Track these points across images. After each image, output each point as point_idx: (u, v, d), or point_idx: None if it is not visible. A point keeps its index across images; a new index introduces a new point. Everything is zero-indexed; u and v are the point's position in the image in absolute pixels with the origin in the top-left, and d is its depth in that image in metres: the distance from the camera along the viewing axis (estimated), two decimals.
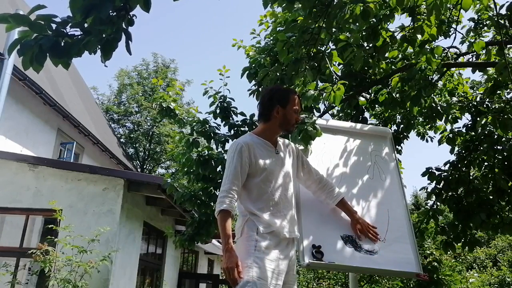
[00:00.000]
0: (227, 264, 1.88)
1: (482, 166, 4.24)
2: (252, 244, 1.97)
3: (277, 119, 2.21)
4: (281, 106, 2.21)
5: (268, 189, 2.11)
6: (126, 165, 13.68)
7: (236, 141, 2.20)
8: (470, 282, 9.84)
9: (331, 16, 2.77)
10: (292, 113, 2.23)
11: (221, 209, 1.98)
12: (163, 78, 21.97)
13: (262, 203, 2.08)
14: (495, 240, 14.68)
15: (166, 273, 8.64)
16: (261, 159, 2.13)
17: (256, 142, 2.18)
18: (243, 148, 2.10)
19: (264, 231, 2.01)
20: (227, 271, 1.87)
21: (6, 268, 5.42)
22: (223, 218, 1.97)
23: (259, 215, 2.04)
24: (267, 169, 2.12)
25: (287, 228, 2.10)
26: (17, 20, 1.67)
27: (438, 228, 4.50)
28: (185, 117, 4.42)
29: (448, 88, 4.48)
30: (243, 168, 2.08)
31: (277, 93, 2.26)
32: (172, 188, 4.42)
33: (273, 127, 2.24)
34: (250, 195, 2.10)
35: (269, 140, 2.24)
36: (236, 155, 2.09)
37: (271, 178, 2.13)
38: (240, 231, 2.06)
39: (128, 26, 1.86)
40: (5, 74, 7.17)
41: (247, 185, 2.11)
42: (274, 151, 2.22)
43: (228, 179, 2.05)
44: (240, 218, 2.09)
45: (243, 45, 4.68)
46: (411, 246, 2.48)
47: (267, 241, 1.99)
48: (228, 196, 2.00)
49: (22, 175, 6.43)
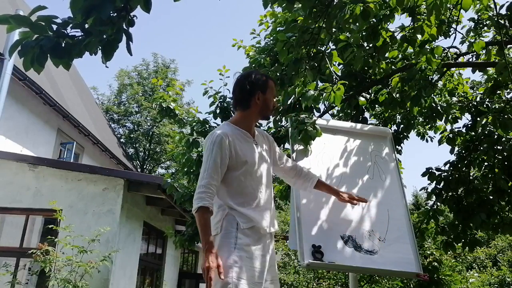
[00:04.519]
0: (207, 263, 1.77)
1: (482, 166, 4.24)
2: (232, 241, 1.88)
3: (258, 106, 2.11)
4: (261, 91, 2.11)
5: (248, 182, 2.01)
6: (126, 165, 13.68)
7: (214, 131, 2.06)
8: (470, 282, 9.83)
9: (331, 16, 2.77)
10: (271, 99, 2.15)
11: (200, 206, 1.85)
12: (163, 78, 21.95)
13: (243, 197, 1.98)
14: (495, 240, 14.68)
15: (166, 273, 8.64)
16: (242, 151, 2.02)
17: (235, 133, 2.07)
18: (223, 140, 1.97)
19: (244, 226, 1.91)
20: (207, 271, 1.76)
21: (6, 268, 5.42)
22: (202, 215, 1.84)
23: (238, 209, 1.94)
24: (248, 162, 2.02)
25: (268, 223, 2.02)
26: (18, 21, 1.67)
27: (438, 228, 4.50)
28: (185, 117, 4.42)
29: (448, 88, 4.48)
30: (223, 161, 1.96)
31: (256, 78, 2.15)
32: (172, 188, 4.42)
33: (252, 115, 2.14)
34: (229, 189, 1.99)
35: (247, 129, 2.13)
36: (216, 147, 1.96)
37: (251, 171, 2.03)
38: (218, 227, 1.93)
39: (129, 27, 1.86)
40: (5, 74, 7.17)
41: (226, 179, 1.99)
42: (253, 142, 2.12)
43: (207, 173, 1.91)
44: (218, 213, 1.96)
45: (243, 45, 4.69)
46: (411, 246, 2.49)
47: (248, 238, 1.90)
48: (207, 191, 1.88)
49: (22, 175, 6.43)
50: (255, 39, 4.62)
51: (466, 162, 4.35)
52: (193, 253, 11.66)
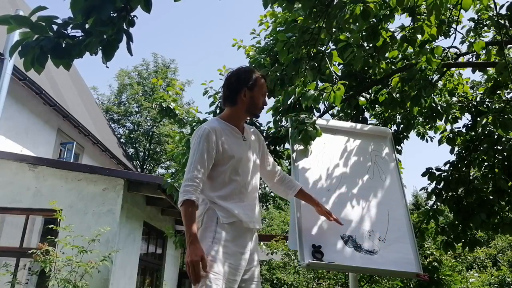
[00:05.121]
0: (191, 257, 1.75)
1: (482, 166, 4.24)
2: (211, 235, 1.88)
3: (244, 103, 2.09)
4: (248, 88, 2.08)
5: (233, 177, 2.00)
6: (126, 165, 13.68)
7: (202, 126, 2.05)
8: (470, 282, 9.83)
9: (331, 16, 2.77)
10: (259, 96, 2.12)
11: (185, 199, 1.84)
12: (163, 78, 21.95)
13: (225, 191, 1.97)
14: (495, 240, 14.68)
15: (166, 273, 8.64)
16: (229, 146, 2.01)
17: (223, 128, 2.06)
18: (210, 134, 1.97)
19: (224, 221, 1.91)
20: (191, 265, 1.74)
21: (6, 268, 5.42)
22: (187, 208, 1.83)
23: (220, 203, 1.93)
24: (234, 157, 2.01)
25: (250, 218, 1.99)
26: (18, 22, 1.67)
27: (438, 228, 4.50)
28: (185, 117, 4.42)
29: (448, 88, 4.48)
30: (210, 155, 1.95)
31: (243, 75, 2.13)
32: (172, 188, 4.42)
33: (240, 112, 2.12)
34: (213, 183, 1.99)
35: (236, 125, 2.12)
36: (202, 141, 1.95)
37: (237, 166, 2.02)
38: (200, 221, 1.93)
39: (129, 27, 1.87)
40: (5, 74, 7.17)
41: (212, 173, 1.99)
42: (242, 138, 2.11)
43: (193, 167, 1.90)
44: (201, 207, 1.95)
45: (243, 45, 4.69)
46: (411, 246, 2.49)
47: (227, 233, 1.90)
48: (193, 185, 1.87)
49: (22, 175, 6.43)
50: (255, 39, 4.63)
51: (466, 162, 4.35)
52: None
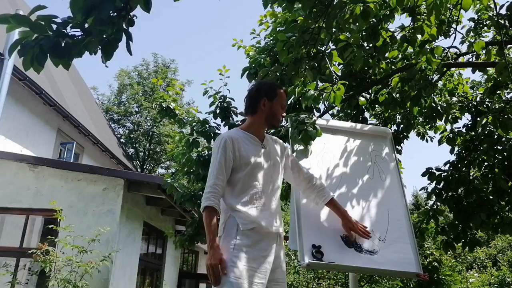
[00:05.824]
0: (210, 260, 1.86)
1: (482, 166, 4.24)
2: (231, 242, 1.94)
3: (263, 112, 2.18)
4: (268, 98, 2.18)
5: (252, 183, 2.06)
6: (126, 165, 13.68)
7: (220, 135, 2.16)
8: (470, 282, 9.84)
9: (331, 16, 2.77)
10: (278, 108, 2.20)
11: (206, 205, 1.95)
12: (163, 78, 21.96)
13: (245, 197, 2.03)
14: (495, 240, 14.68)
15: (166, 273, 8.64)
16: (246, 153, 2.09)
17: (241, 137, 2.14)
18: (227, 143, 2.07)
19: (244, 227, 1.96)
20: (211, 268, 1.85)
21: (6, 268, 5.42)
22: (208, 214, 1.95)
23: (240, 210, 1.99)
24: (251, 163, 2.07)
25: (270, 223, 2.05)
26: (18, 21, 1.67)
27: (438, 228, 4.50)
28: (185, 117, 4.41)
29: (448, 88, 4.48)
30: (228, 163, 2.04)
31: (264, 86, 2.25)
32: (172, 188, 4.42)
33: (260, 121, 2.20)
34: (233, 190, 2.06)
35: (256, 134, 2.19)
36: (221, 150, 2.06)
37: (255, 172, 2.08)
38: (221, 229, 2.02)
39: (129, 27, 1.86)
40: (5, 74, 7.17)
41: (231, 180, 2.07)
42: (261, 145, 2.18)
43: (213, 175, 2.02)
44: (222, 215, 2.05)
45: (243, 45, 4.69)
46: (411, 246, 2.49)
47: (247, 239, 1.95)
48: (212, 191, 1.98)
49: (22, 175, 6.43)
50: (255, 39, 4.63)
51: (466, 162, 4.35)
52: (193, 253, 11.66)
